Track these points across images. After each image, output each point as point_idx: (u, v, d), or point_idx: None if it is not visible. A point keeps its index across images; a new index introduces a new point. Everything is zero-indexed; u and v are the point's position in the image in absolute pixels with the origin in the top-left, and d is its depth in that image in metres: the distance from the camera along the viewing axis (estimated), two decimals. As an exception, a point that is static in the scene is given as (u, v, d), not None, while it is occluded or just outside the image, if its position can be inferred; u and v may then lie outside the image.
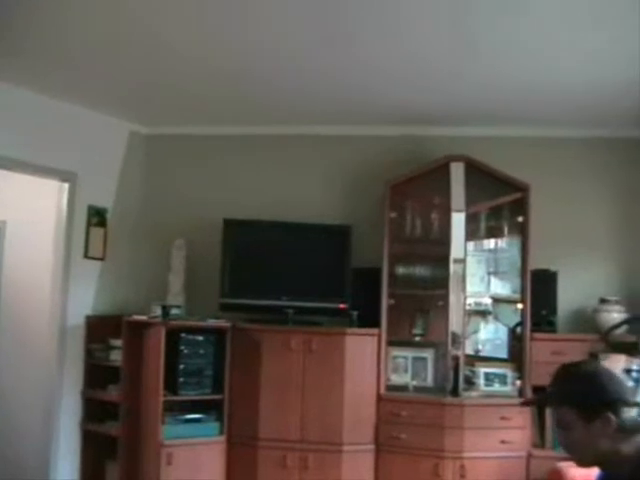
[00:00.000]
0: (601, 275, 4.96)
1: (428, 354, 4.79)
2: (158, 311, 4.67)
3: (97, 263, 5.20)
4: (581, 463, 1.99)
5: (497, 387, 4.65)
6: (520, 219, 4.77)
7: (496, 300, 4.89)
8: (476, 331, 4.90)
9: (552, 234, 4.86)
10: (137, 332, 4.71)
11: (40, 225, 5.19)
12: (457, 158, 4.77)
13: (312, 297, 4.89)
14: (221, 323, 4.75)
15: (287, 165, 5.41)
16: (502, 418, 4.50)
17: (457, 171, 4.75)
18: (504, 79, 4.28)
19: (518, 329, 4.74)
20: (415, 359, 4.79)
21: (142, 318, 4.72)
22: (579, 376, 1.99)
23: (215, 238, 4.98)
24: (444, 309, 4.68)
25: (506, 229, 4.88)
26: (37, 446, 4.91)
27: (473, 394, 4.61)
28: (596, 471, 2.01)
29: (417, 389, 4.73)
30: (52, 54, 4.15)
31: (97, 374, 4.99)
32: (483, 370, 4.68)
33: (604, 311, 4.68)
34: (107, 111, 5.18)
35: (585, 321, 4.81)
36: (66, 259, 4.97)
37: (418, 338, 4.87)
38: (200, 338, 4.70)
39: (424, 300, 4.89)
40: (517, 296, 4.77)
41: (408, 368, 4.78)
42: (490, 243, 4.96)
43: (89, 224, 5.13)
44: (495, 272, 4.93)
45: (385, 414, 4.64)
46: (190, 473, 4.52)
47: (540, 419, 4.57)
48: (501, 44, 3.77)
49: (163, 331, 4.48)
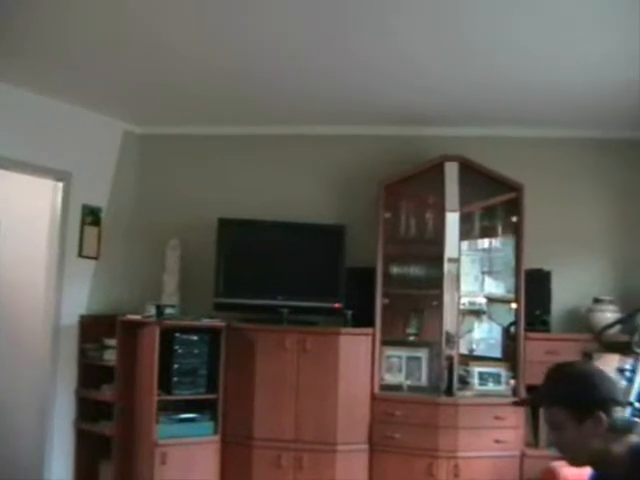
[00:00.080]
0: (595, 275, 4.97)
1: (422, 354, 4.80)
2: (152, 311, 4.66)
3: (91, 262, 5.19)
4: (573, 463, 1.99)
5: (491, 386, 4.66)
6: (514, 219, 4.78)
7: (490, 300, 4.90)
8: (470, 330, 4.92)
9: (546, 234, 4.87)
10: (131, 332, 4.71)
11: (34, 224, 5.17)
12: (451, 158, 4.78)
13: (306, 297, 4.89)
14: (215, 323, 4.75)
15: (281, 165, 5.41)
16: (496, 418, 4.50)
17: (451, 171, 4.76)
18: (501, 79, 4.28)
19: (512, 329, 4.75)
20: (409, 359, 4.80)
21: (136, 318, 4.72)
22: (571, 376, 1.99)
23: (209, 238, 4.98)
24: (438, 309, 4.69)
25: (500, 229, 4.89)
26: (31, 446, 4.90)
27: (467, 394, 4.62)
28: (589, 470, 2.02)
29: (411, 389, 4.74)
30: (50, 54, 4.14)
31: (91, 374, 4.98)
32: (477, 369, 4.68)
33: (598, 311, 4.70)
34: (102, 111, 5.17)
35: (579, 321, 4.83)
36: (60, 258, 4.96)
37: (412, 338, 4.88)
38: (194, 338, 4.70)
39: (418, 300, 4.89)
40: (511, 296, 4.77)
41: (402, 368, 4.78)
42: (484, 243, 4.97)
43: (83, 223, 5.13)
44: (489, 272, 4.94)
45: (379, 414, 4.64)
46: (184, 473, 4.51)
47: (534, 419, 4.57)
48: (498, 44, 3.77)
49: (157, 331, 4.48)
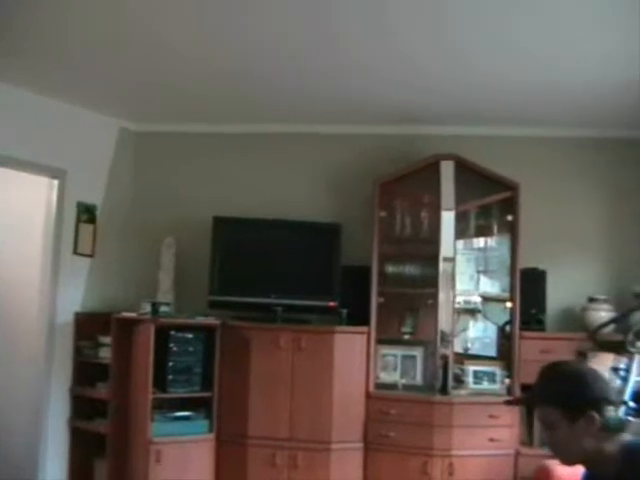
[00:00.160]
0: (590, 274, 4.98)
1: (417, 352, 4.80)
2: (147, 308, 4.66)
3: (86, 260, 5.18)
4: (566, 462, 2.00)
5: (486, 385, 4.67)
6: (509, 218, 4.79)
7: (485, 299, 4.90)
8: (465, 329, 4.91)
9: (541, 233, 4.87)
10: (126, 329, 4.70)
11: (29, 221, 5.15)
12: (447, 157, 4.78)
13: (301, 295, 4.89)
14: (210, 321, 4.74)
15: (277, 163, 5.40)
16: (491, 416, 4.51)
17: (447, 170, 4.76)
18: (500, 80, 4.29)
19: (507, 327, 4.76)
20: (404, 357, 4.80)
21: (131, 315, 4.72)
22: (563, 376, 1.99)
23: (204, 236, 4.97)
24: (433, 307, 4.69)
25: (495, 228, 4.90)
26: (25, 444, 4.89)
27: (462, 392, 4.62)
28: (582, 468, 2.03)
29: (406, 387, 4.74)
30: (48, 53, 4.14)
31: (86, 371, 4.97)
32: (472, 368, 4.69)
33: (592, 310, 4.71)
34: (97, 108, 5.16)
35: (574, 320, 4.84)
36: (55, 255, 4.95)
37: (407, 336, 4.87)
38: (189, 335, 4.69)
39: (413, 298, 4.89)
40: (506, 295, 4.78)
41: (397, 366, 4.79)
42: (479, 242, 4.97)
43: (78, 221, 5.12)
44: (484, 271, 4.94)
45: (374, 412, 4.64)
46: (179, 471, 4.51)
47: (528, 417, 4.57)
48: (498, 44, 3.77)
49: (152, 328, 4.47)
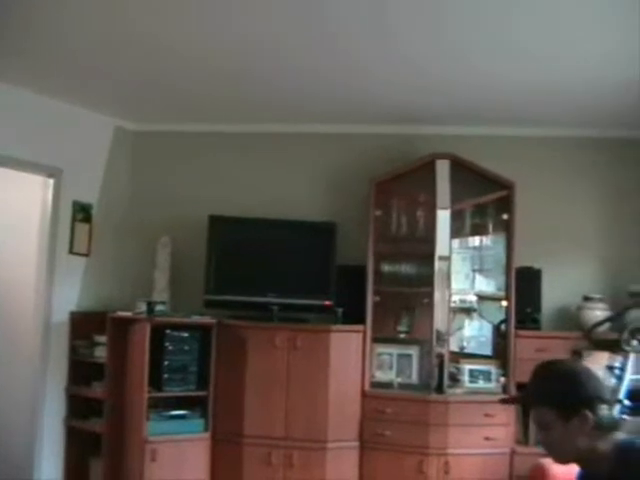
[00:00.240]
0: (585, 273, 4.98)
1: (413, 351, 4.81)
2: (143, 307, 4.66)
3: (82, 259, 5.18)
4: (559, 461, 2.00)
5: (481, 384, 4.67)
6: (505, 217, 4.79)
7: (481, 297, 4.91)
8: (461, 328, 4.92)
9: (537, 232, 4.87)
10: (122, 328, 4.70)
11: (25, 220, 5.15)
12: (442, 156, 4.78)
13: (297, 294, 4.89)
14: (206, 320, 4.74)
15: (273, 163, 5.40)
16: (486, 415, 4.51)
17: (442, 169, 4.76)
18: (497, 79, 4.29)
19: (502, 326, 4.76)
20: (400, 356, 4.80)
21: (127, 314, 4.72)
22: (557, 375, 1.99)
23: (200, 235, 4.97)
24: (429, 306, 4.70)
25: (491, 227, 4.90)
26: (21, 443, 4.88)
27: (457, 391, 4.63)
28: (577, 467, 2.03)
29: (402, 386, 4.74)
30: (46, 53, 4.13)
31: (81, 370, 4.97)
32: (467, 367, 4.69)
33: (588, 309, 4.71)
34: (93, 107, 5.15)
35: (569, 318, 4.84)
36: (51, 255, 4.95)
37: (403, 335, 4.88)
38: (185, 334, 4.69)
39: (409, 297, 4.90)
40: (502, 293, 4.78)
41: (393, 365, 4.79)
42: (475, 241, 4.98)
43: (74, 220, 5.11)
44: (480, 269, 4.94)
45: (370, 411, 4.65)
46: (174, 470, 4.51)
47: (524, 416, 4.57)
48: (498, 45, 3.78)
49: (148, 327, 4.47)
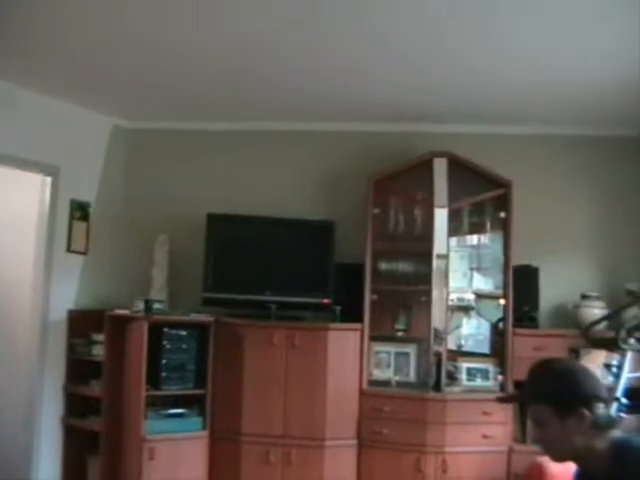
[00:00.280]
0: (582, 271, 4.99)
1: (411, 349, 4.81)
2: (141, 306, 4.65)
3: (80, 257, 5.17)
4: (556, 459, 2.01)
5: (479, 382, 4.68)
6: (503, 215, 4.79)
7: (478, 296, 4.90)
8: (458, 326, 4.92)
9: (534, 230, 4.88)
10: (119, 327, 4.70)
11: (22, 219, 5.14)
12: (440, 154, 4.78)
13: (295, 292, 4.89)
14: (204, 318, 4.74)
15: (270, 161, 5.40)
16: (484, 413, 4.51)
17: (440, 167, 4.77)
18: (496, 79, 4.30)
19: (500, 324, 4.77)
20: (398, 354, 4.81)
21: (125, 313, 4.71)
22: (554, 374, 2.00)
23: (198, 233, 4.96)
24: (427, 305, 4.70)
25: (489, 225, 4.90)
26: (19, 441, 4.88)
27: (455, 389, 4.63)
28: (573, 464, 2.04)
29: (399, 384, 4.74)
30: (42, 52, 4.13)
31: (79, 369, 4.97)
32: (465, 365, 4.70)
33: (585, 307, 4.72)
34: (90, 106, 5.15)
35: (566, 317, 4.84)
36: (48, 253, 4.95)
37: (401, 333, 4.88)
38: (183, 333, 4.69)
39: (407, 296, 4.90)
40: (499, 292, 4.79)
41: (391, 363, 4.79)
42: (473, 239, 4.98)
43: (72, 218, 5.11)
44: (478, 268, 4.94)
45: (367, 409, 4.65)
46: (172, 468, 4.51)
47: (522, 414, 4.57)
48: (497, 44, 3.78)
49: (146, 326, 4.47)
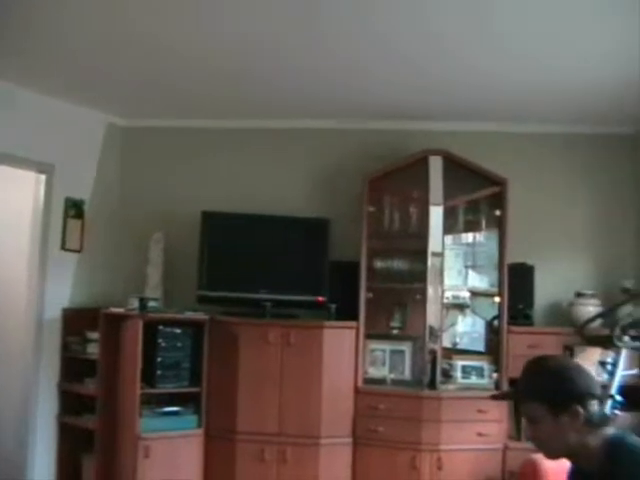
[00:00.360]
0: (577, 269, 5.00)
1: (406, 347, 4.81)
2: (135, 303, 4.64)
3: (74, 255, 5.16)
4: (549, 456, 2.01)
5: (474, 380, 4.68)
6: (498, 213, 4.79)
7: (474, 293, 4.91)
8: (453, 324, 4.92)
9: (529, 228, 4.89)
10: (114, 325, 4.69)
11: (17, 217, 5.13)
12: (435, 152, 4.78)
13: (290, 290, 4.89)
14: (199, 316, 4.74)
15: (265, 158, 5.39)
16: (479, 411, 4.52)
17: (435, 165, 4.76)
18: (496, 79, 4.30)
19: (495, 322, 4.77)
20: (393, 352, 4.80)
21: (119, 311, 4.71)
22: (548, 371, 2.00)
23: (193, 231, 4.96)
24: (422, 302, 4.70)
25: (484, 223, 4.90)
26: (13, 439, 4.87)
27: (450, 387, 4.63)
28: (567, 462, 2.04)
29: (395, 382, 4.74)
30: (38, 49, 4.11)
31: (74, 367, 4.96)
32: (460, 363, 4.70)
33: (580, 305, 4.73)
34: (84, 103, 5.13)
35: (561, 315, 4.85)
36: (43, 251, 4.93)
37: (396, 331, 4.88)
38: (178, 331, 4.69)
39: (402, 293, 4.90)
40: (494, 289, 4.79)
41: (386, 361, 4.79)
42: (468, 237, 4.98)
43: (66, 216, 5.09)
44: (473, 266, 4.95)
45: (363, 407, 4.65)
46: (167, 466, 4.50)
47: (516, 412, 4.57)
48: (491, 44, 3.78)
49: (140, 324, 4.47)
